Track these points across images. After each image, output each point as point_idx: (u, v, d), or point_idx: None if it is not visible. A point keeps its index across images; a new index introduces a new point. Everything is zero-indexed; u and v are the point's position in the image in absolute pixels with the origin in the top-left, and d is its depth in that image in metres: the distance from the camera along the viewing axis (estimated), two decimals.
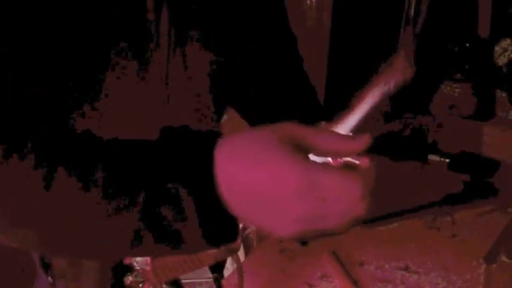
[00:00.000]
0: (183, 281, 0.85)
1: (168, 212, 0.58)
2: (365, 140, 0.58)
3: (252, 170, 0.53)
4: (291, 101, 1.02)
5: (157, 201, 0.58)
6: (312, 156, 0.57)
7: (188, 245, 0.59)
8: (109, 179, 0.60)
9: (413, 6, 1.58)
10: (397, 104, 1.52)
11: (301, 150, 0.54)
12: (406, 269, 1.07)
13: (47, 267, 0.88)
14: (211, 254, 0.75)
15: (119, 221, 0.60)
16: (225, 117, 0.91)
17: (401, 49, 0.84)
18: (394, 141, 1.48)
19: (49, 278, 0.89)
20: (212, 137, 0.57)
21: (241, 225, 0.71)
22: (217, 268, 1.00)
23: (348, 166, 0.59)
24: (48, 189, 0.61)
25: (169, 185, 0.58)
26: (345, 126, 0.71)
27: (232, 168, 0.55)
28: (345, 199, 0.54)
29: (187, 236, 0.58)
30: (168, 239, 0.59)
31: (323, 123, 0.77)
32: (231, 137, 0.57)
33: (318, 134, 0.56)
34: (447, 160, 1.38)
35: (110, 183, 0.60)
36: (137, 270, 0.75)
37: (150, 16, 0.83)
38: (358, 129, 0.71)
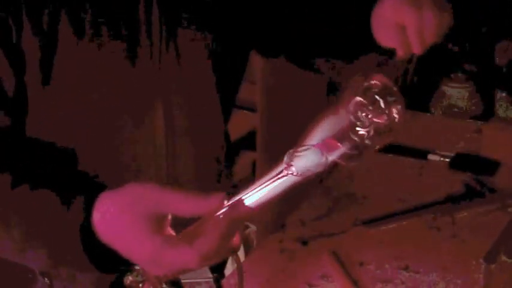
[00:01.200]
0: (183, 281, 0.85)
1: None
2: (217, 199, 0.65)
3: (116, 235, 0.67)
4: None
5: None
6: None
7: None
8: None
9: None
10: None
11: (157, 217, 0.66)
12: (406, 269, 1.07)
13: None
14: None
15: None
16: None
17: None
18: (394, 141, 1.47)
19: (46, 279, 0.89)
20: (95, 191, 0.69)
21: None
22: (217, 268, 1.00)
23: (190, 235, 0.67)
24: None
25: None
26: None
27: (102, 230, 0.67)
28: (183, 266, 0.67)
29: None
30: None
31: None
32: (105, 197, 0.68)
33: (173, 197, 0.66)
34: (447, 160, 1.38)
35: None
36: (137, 270, 0.75)
37: (141, 13, 0.84)
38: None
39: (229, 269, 1.08)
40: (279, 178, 0.67)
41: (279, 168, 0.67)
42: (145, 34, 0.85)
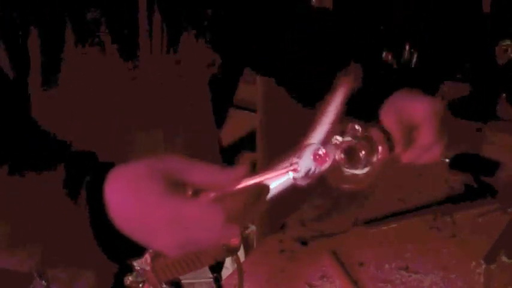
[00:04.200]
0: (183, 281, 0.85)
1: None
2: (241, 172, 0.63)
3: (131, 204, 0.62)
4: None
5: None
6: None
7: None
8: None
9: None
10: None
11: (177, 184, 0.61)
12: (406, 269, 1.07)
13: (40, 271, 0.88)
14: (211, 254, 0.75)
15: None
16: None
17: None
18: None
19: (43, 281, 0.89)
20: (105, 169, 0.64)
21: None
22: (217, 268, 1.00)
23: (216, 197, 0.63)
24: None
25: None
26: (316, 137, 0.71)
27: (116, 201, 0.62)
28: (207, 228, 0.61)
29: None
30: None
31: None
32: (118, 170, 0.63)
33: (193, 168, 0.62)
34: (447, 160, 1.38)
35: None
36: (137, 270, 0.75)
37: (143, 17, 0.84)
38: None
39: (229, 269, 1.08)
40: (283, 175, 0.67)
41: (284, 167, 0.67)
42: (147, 39, 0.85)
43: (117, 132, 0.87)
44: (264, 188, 0.64)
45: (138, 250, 0.66)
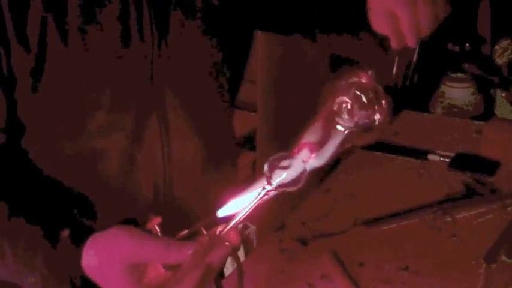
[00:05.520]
0: None
1: None
2: (187, 249, 0.69)
3: (102, 282, 0.71)
4: None
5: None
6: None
7: None
8: None
9: None
10: (397, 104, 1.52)
11: (139, 267, 0.70)
12: (406, 269, 1.07)
13: None
14: None
15: None
16: None
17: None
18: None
19: None
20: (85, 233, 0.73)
21: (241, 225, 0.72)
22: None
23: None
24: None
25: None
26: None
27: (88, 267, 0.72)
28: None
29: None
30: None
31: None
32: (93, 243, 0.72)
33: (143, 246, 0.69)
34: (447, 160, 1.38)
35: None
36: None
37: (132, 12, 0.84)
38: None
39: (229, 269, 1.08)
40: (260, 195, 0.68)
41: (260, 184, 0.68)
42: (137, 35, 0.85)
43: (110, 130, 0.87)
44: (211, 267, 0.69)
45: None
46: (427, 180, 1.33)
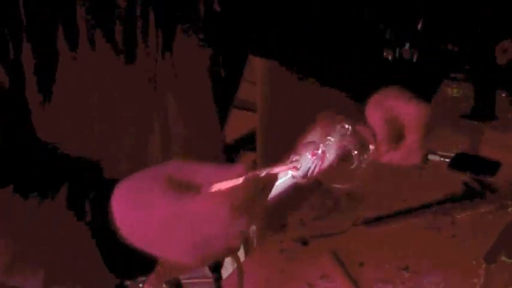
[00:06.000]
0: (183, 281, 0.85)
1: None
2: (239, 170, 0.62)
3: (138, 213, 0.61)
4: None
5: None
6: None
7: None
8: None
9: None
10: None
11: (180, 186, 0.61)
12: (406, 269, 1.07)
13: None
14: None
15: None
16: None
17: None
18: None
19: None
20: (109, 185, 0.63)
21: None
22: (217, 268, 1.00)
23: (218, 191, 0.62)
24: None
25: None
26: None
27: (123, 214, 0.62)
28: (215, 221, 0.59)
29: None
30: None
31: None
32: (121, 184, 0.63)
33: (195, 168, 0.62)
34: (447, 160, 1.38)
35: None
36: None
37: (138, 21, 0.84)
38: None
39: (229, 269, 1.08)
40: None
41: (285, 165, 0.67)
42: (142, 42, 0.85)
43: (114, 134, 0.87)
44: (268, 179, 0.63)
45: (148, 265, 0.66)
46: (427, 180, 1.33)
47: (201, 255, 0.61)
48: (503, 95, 1.55)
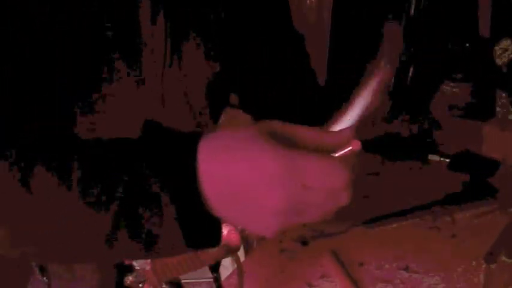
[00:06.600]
0: (183, 281, 0.85)
1: (145, 212, 0.57)
2: (347, 134, 0.57)
3: (231, 163, 0.53)
4: (295, 99, 1.01)
5: (134, 200, 0.58)
6: None
7: (162, 247, 0.59)
8: (86, 177, 0.59)
9: (413, 6, 1.58)
10: (396, 104, 1.52)
11: (283, 143, 0.54)
12: (406, 269, 1.07)
13: (42, 267, 0.88)
14: (212, 254, 0.75)
15: (94, 219, 0.59)
16: (223, 117, 0.91)
17: (383, 47, 0.81)
18: (394, 141, 1.48)
19: (44, 278, 0.89)
20: (194, 137, 0.57)
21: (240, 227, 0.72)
22: (217, 268, 1.01)
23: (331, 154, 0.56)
24: (27, 188, 0.60)
25: (148, 185, 0.57)
26: (340, 126, 0.71)
27: (212, 165, 0.54)
28: (328, 185, 0.54)
29: (162, 237, 0.58)
30: (142, 240, 0.58)
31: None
32: (212, 136, 0.56)
33: (298, 128, 0.56)
34: (447, 160, 1.38)
35: (87, 180, 0.59)
36: (137, 270, 0.75)
37: (147, 25, 0.83)
38: (356, 130, 0.71)
39: (229, 269, 1.08)
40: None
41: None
42: (149, 49, 0.85)
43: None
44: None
45: (218, 237, 0.59)
46: (427, 180, 1.33)
47: (290, 219, 0.56)
48: (503, 95, 1.55)
